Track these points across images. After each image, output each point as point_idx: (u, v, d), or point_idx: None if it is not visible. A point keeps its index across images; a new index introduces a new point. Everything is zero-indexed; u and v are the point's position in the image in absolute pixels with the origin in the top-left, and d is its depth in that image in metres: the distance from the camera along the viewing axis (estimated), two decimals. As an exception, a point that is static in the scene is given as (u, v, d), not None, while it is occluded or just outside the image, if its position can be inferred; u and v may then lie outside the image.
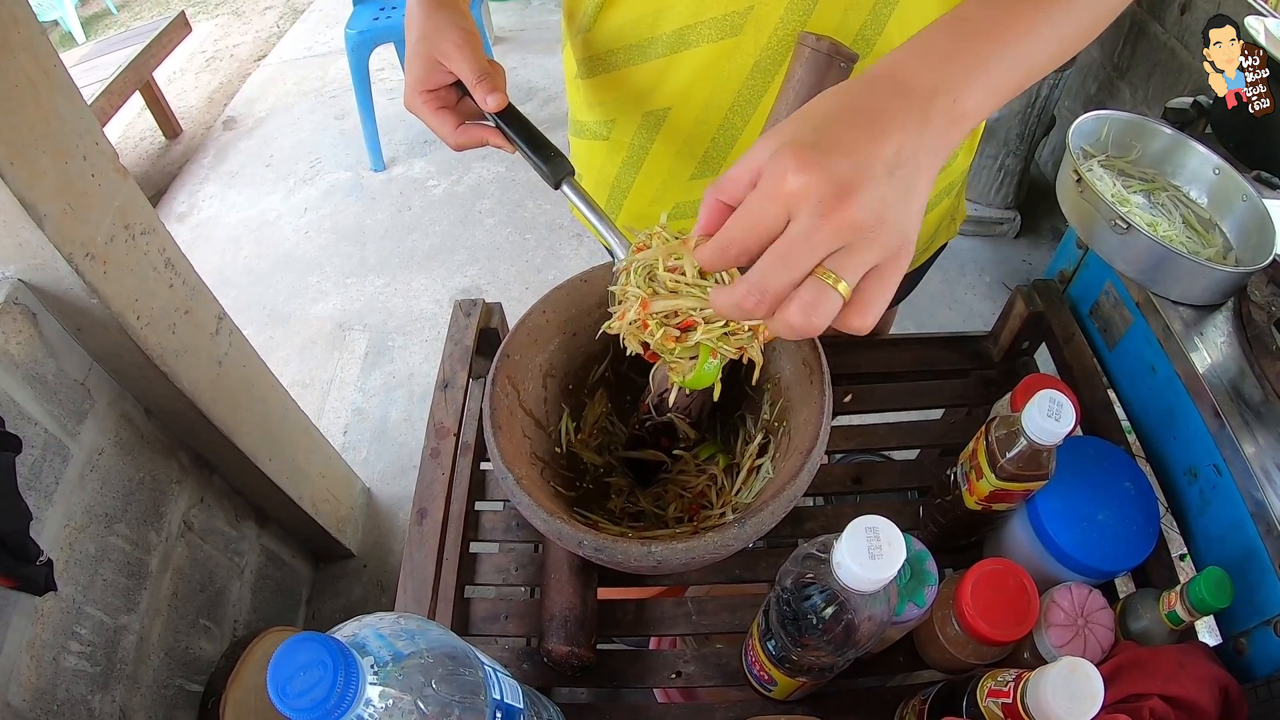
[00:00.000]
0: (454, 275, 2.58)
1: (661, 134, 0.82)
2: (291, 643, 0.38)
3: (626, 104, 0.82)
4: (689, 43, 0.73)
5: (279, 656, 0.38)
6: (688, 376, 0.62)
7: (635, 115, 0.82)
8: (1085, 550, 0.73)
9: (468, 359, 0.96)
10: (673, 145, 0.83)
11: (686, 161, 0.83)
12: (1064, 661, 0.53)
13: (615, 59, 0.79)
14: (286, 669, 0.38)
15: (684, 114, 0.79)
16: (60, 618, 1.08)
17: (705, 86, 0.76)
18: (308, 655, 0.38)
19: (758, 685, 0.74)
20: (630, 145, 0.85)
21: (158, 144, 3.34)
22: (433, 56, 0.70)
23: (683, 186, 0.86)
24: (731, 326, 0.59)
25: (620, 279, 0.62)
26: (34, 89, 0.99)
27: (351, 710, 0.39)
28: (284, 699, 0.37)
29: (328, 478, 1.78)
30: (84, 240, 1.06)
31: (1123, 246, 0.86)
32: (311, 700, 0.37)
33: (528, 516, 0.62)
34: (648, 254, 0.60)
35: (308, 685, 0.37)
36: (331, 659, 0.38)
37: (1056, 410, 0.64)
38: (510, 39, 3.73)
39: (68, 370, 1.13)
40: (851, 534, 0.50)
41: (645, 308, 0.59)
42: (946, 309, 2.31)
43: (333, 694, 0.37)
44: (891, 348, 1.05)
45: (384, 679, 0.42)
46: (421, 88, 0.71)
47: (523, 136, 0.70)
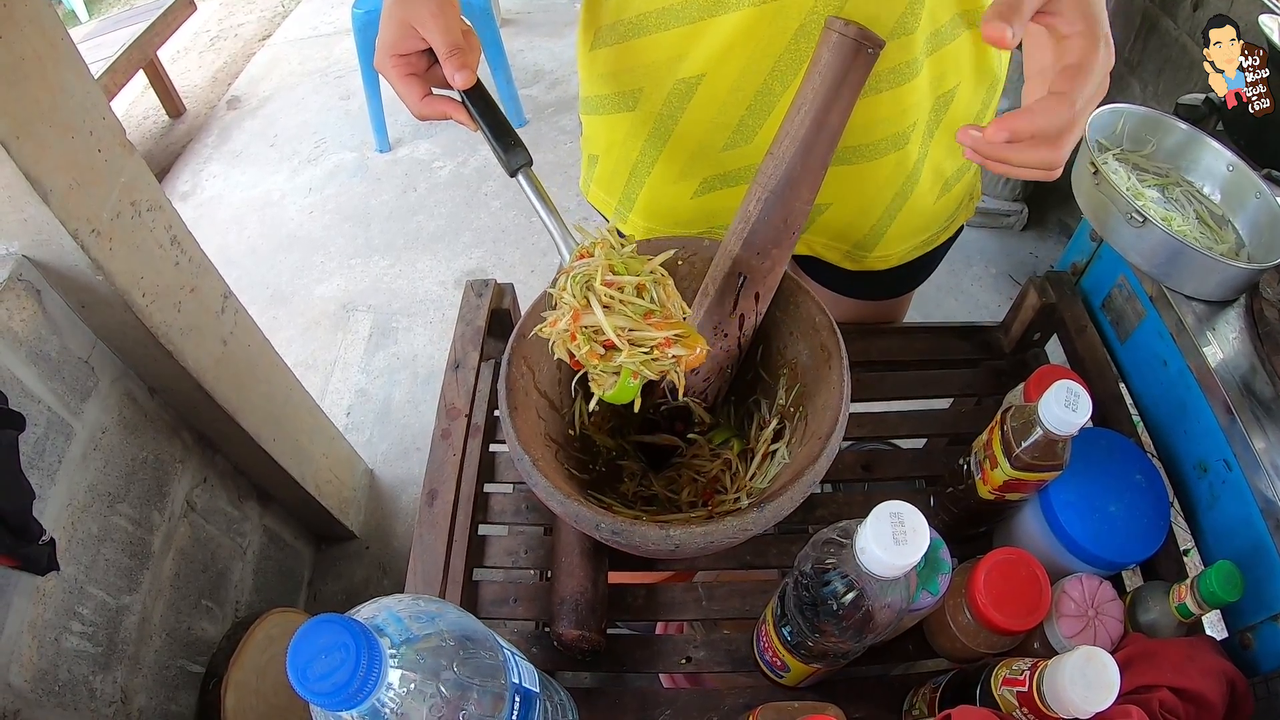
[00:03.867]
0: (459, 257, 2.57)
1: (693, 103, 0.80)
2: (312, 624, 0.38)
3: (655, 72, 0.80)
4: (727, 5, 0.71)
5: (299, 638, 0.38)
6: (608, 391, 0.63)
7: (665, 84, 0.80)
8: (1097, 541, 0.73)
9: (479, 340, 0.95)
10: (705, 114, 0.80)
11: (720, 131, 0.81)
12: (1081, 651, 0.53)
13: (645, 23, 0.77)
14: (307, 651, 0.37)
15: (719, 81, 0.77)
16: (62, 598, 1.08)
17: (744, 52, 0.74)
18: (329, 637, 0.38)
19: (769, 671, 0.73)
20: (659, 116, 0.83)
21: (161, 123, 3.32)
22: (407, 21, 0.68)
23: (714, 159, 0.84)
24: (655, 353, 0.61)
25: (559, 280, 0.63)
26: (40, 63, 0.98)
27: (374, 694, 0.38)
28: (304, 682, 0.37)
29: (330, 458, 1.78)
30: (89, 216, 1.05)
31: (1138, 240, 0.86)
32: (334, 684, 0.37)
33: (544, 499, 0.62)
34: (588, 263, 0.62)
35: (330, 668, 0.37)
36: (354, 641, 0.38)
37: (1074, 401, 0.64)
38: (517, 20, 3.70)
39: (71, 348, 1.12)
40: (876, 519, 0.50)
41: (576, 319, 0.60)
42: (953, 300, 2.31)
43: (355, 677, 0.37)
44: (902, 336, 1.05)
45: (404, 662, 0.41)
46: (392, 51, 0.69)
47: (486, 119, 0.69)
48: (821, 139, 0.64)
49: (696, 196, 0.88)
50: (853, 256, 0.94)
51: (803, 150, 0.65)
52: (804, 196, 0.67)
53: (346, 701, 0.37)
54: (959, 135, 0.58)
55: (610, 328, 0.59)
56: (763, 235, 0.68)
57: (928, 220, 0.92)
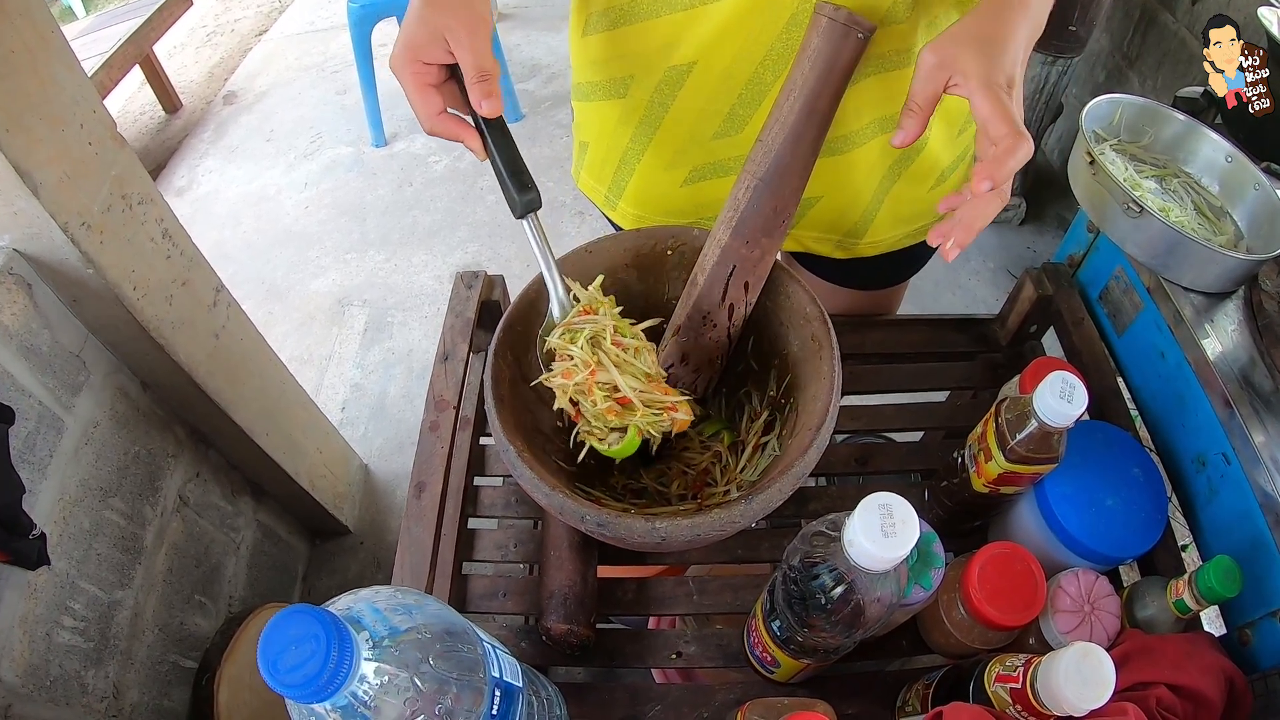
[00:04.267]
0: (455, 252, 2.57)
1: (684, 91, 0.80)
2: (283, 615, 0.37)
3: (646, 59, 0.80)
4: None
5: (270, 629, 0.37)
6: (613, 446, 0.68)
7: (656, 71, 0.80)
8: (1093, 536, 0.73)
9: (469, 332, 0.95)
10: (696, 103, 0.80)
11: (710, 120, 0.81)
12: (1076, 647, 0.52)
13: (637, 9, 0.76)
14: (278, 643, 0.37)
15: (710, 69, 0.77)
16: (54, 593, 1.07)
17: (735, 40, 0.74)
18: (299, 628, 0.37)
19: (760, 667, 0.73)
20: (649, 103, 0.82)
21: (157, 118, 3.32)
22: (439, 30, 0.64)
23: (704, 147, 0.84)
24: (664, 415, 0.66)
25: (559, 334, 0.67)
26: (31, 55, 0.98)
27: (345, 687, 0.37)
28: (274, 674, 0.36)
29: (325, 453, 1.77)
30: (80, 209, 1.05)
31: (1135, 231, 0.85)
32: (304, 675, 0.36)
33: (529, 490, 0.62)
34: (594, 320, 0.66)
35: (300, 660, 0.36)
36: (325, 632, 0.37)
37: (1069, 392, 0.64)
38: (515, 15, 3.69)
39: (63, 342, 1.12)
40: (864, 511, 0.49)
41: (594, 376, 0.65)
42: (950, 294, 2.31)
43: (325, 669, 0.36)
44: (897, 328, 1.05)
45: (380, 655, 0.40)
46: (416, 56, 0.65)
47: (503, 154, 0.67)
48: (811, 125, 0.64)
49: (686, 185, 0.88)
50: (844, 245, 0.94)
51: (792, 137, 0.64)
52: (794, 184, 0.67)
53: (317, 694, 0.37)
54: (941, 206, 0.63)
55: (628, 388, 0.65)
56: (752, 223, 0.68)
57: (920, 210, 0.92)
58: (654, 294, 0.81)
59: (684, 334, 0.74)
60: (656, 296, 0.81)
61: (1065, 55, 2.10)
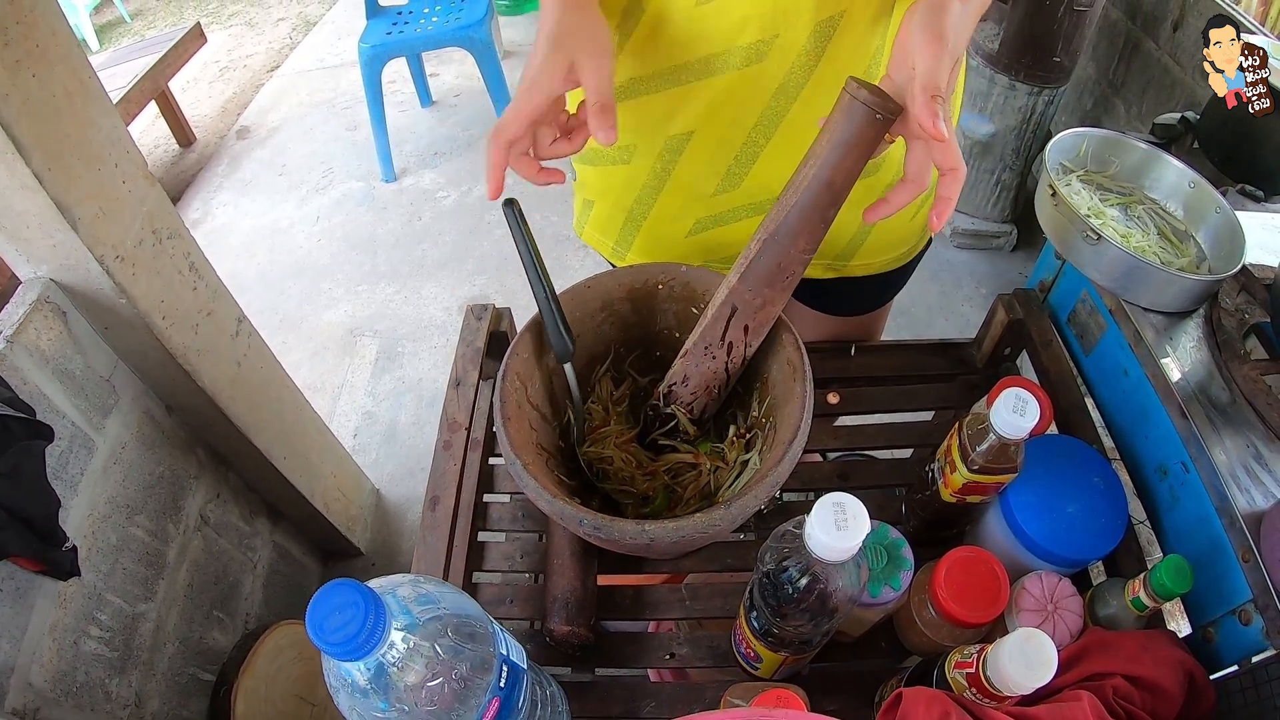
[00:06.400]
0: (463, 284, 2.63)
1: (684, 157, 0.85)
2: (329, 586, 0.44)
3: (646, 131, 0.84)
4: (714, 70, 0.76)
5: (318, 598, 0.44)
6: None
7: (656, 142, 0.85)
8: (1054, 540, 0.78)
9: (478, 360, 1.01)
10: (695, 166, 0.85)
11: (709, 179, 0.86)
12: (1020, 632, 0.58)
13: (637, 86, 0.81)
14: (324, 608, 0.43)
15: (707, 137, 0.82)
16: (82, 603, 1.13)
17: (728, 111, 0.79)
18: (342, 597, 0.43)
19: (745, 664, 0.78)
20: (651, 170, 0.87)
21: (172, 152, 3.41)
22: (570, 59, 0.64)
23: (706, 203, 0.89)
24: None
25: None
26: (70, 99, 1.04)
27: (379, 648, 0.44)
28: (320, 633, 0.43)
29: (339, 477, 1.83)
30: (114, 243, 1.11)
31: (1095, 256, 0.91)
32: (345, 635, 0.43)
33: (533, 498, 0.67)
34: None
35: (342, 623, 0.43)
36: (364, 601, 0.43)
37: (1021, 407, 0.69)
38: (519, 53, 3.77)
39: (94, 367, 1.19)
40: (820, 509, 0.56)
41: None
42: (944, 320, 2.36)
43: (363, 631, 0.43)
44: (880, 353, 1.10)
45: (407, 626, 0.47)
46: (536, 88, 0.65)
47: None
48: (824, 197, 0.65)
49: (691, 236, 0.93)
50: (834, 267, 0.99)
51: (803, 205, 0.66)
52: (801, 246, 0.68)
53: (354, 652, 0.43)
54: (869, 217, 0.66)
55: None
56: (756, 274, 0.71)
57: (905, 234, 0.98)
58: (647, 323, 0.87)
59: (689, 358, 0.79)
60: (649, 326, 0.87)
61: (1051, 85, 2.16)
